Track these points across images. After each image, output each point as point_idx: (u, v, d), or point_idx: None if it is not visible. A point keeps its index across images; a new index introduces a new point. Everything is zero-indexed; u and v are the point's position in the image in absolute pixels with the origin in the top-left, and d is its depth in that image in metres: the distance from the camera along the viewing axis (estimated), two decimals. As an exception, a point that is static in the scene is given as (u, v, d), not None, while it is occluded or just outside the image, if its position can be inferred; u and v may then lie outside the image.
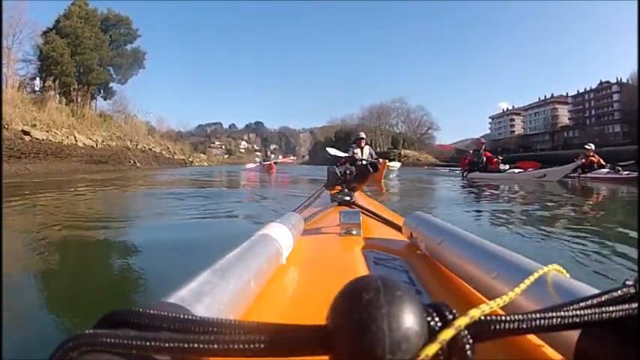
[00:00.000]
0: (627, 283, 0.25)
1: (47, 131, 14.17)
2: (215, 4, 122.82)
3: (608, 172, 7.05)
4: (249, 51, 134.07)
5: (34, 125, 13.74)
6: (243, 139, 78.95)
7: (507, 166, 8.07)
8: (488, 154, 8.62)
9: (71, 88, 21.70)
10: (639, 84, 25.42)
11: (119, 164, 16.92)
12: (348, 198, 1.20)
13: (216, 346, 0.19)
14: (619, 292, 0.24)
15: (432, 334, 0.18)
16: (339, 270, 0.59)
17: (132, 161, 18.57)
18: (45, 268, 1.46)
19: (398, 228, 0.83)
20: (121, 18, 26.22)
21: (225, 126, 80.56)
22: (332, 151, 8.43)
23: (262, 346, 0.19)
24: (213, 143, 71.69)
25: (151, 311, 0.22)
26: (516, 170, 7.85)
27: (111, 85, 26.03)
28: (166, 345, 0.19)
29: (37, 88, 18.92)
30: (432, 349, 0.18)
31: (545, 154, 27.57)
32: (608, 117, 38.36)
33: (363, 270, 0.56)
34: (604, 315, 0.22)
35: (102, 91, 25.34)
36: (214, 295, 0.32)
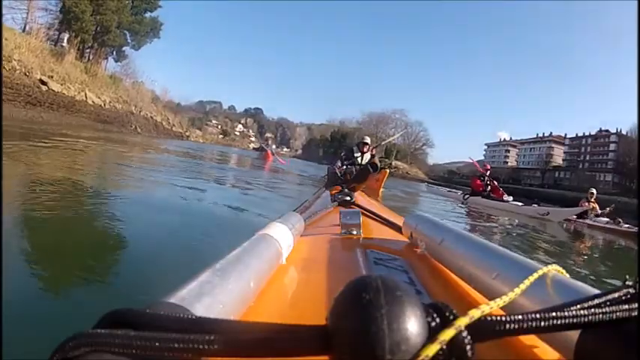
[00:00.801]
0: (627, 283, 0.25)
1: (62, 84, 14.71)
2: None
3: (607, 222, 6.72)
4: (260, 37, 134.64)
5: (51, 77, 14.25)
6: (240, 123, 78.59)
7: (511, 198, 7.79)
8: (495, 181, 8.26)
9: (86, 46, 22.33)
10: (639, 135, 25.45)
11: (122, 127, 17.68)
12: (348, 198, 1.20)
13: (216, 346, 0.19)
14: (619, 292, 0.24)
15: (432, 335, 0.18)
16: (339, 270, 0.59)
17: (134, 126, 19.27)
18: (44, 266, 1.46)
19: (398, 228, 0.83)
20: None
21: (225, 106, 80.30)
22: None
23: (262, 346, 0.19)
24: (210, 121, 70.97)
25: (151, 311, 0.22)
26: (519, 203, 7.58)
27: (124, 48, 26.75)
28: (166, 345, 0.19)
29: (64, 44, 19.30)
30: (432, 349, 0.18)
31: (533, 190, 27.65)
32: (601, 164, 38.26)
33: (363, 270, 0.56)
34: (604, 315, 0.22)
35: (114, 52, 26.06)
36: (214, 295, 0.32)
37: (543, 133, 46.96)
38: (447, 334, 0.18)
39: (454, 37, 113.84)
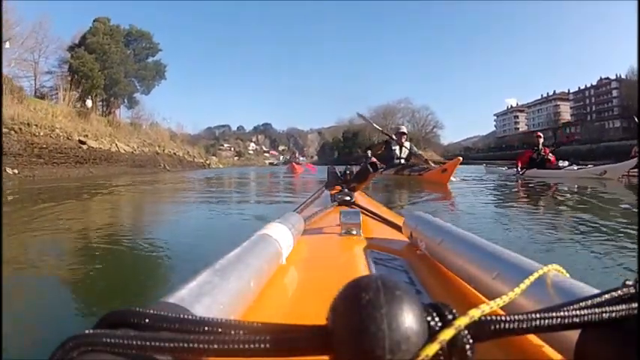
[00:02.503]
0: (627, 283, 0.25)
1: (96, 140, 16.44)
2: (221, 4, 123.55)
3: None
4: (257, 54, 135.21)
5: (86, 136, 15.95)
6: (251, 141, 79.49)
7: (567, 163, 7.40)
8: (548, 150, 7.73)
9: (99, 99, 23.80)
10: (639, 81, 25.33)
11: (154, 167, 19.70)
12: (348, 198, 1.20)
13: (216, 346, 0.19)
14: (619, 292, 0.24)
15: (432, 334, 0.18)
16: (339, 270, 0.58)
17: (162, 165, 20.95)
18: (46, 265, 1.46)
19: (398, 228, 0.83)
20: (143, 33, 28.30)
21: (234, 128, 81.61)
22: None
23: (262, 346, 0.19)
24: (222, 145, 71.91)
25: (151, 311, 0.22)
26: (575, 167, 7.13)
27: (134, 95, 28.17)
28: (166, 345, 0.19)
29: (89, 106, 20.77)
30: (432, 349, 0.18)
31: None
32: (607, 113, 38.80)
33: (363, 270, 0.56)
34: (604, 315, 0.22)
35: (126, 100, 27.49)
36: (214, 295, 0.32)
37: (547, 93, 47.43)
38: (447, 334, 0.18)
39: (449, 17, 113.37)
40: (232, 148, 73.38)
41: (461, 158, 6.00)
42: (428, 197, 4.16)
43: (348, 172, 1.48)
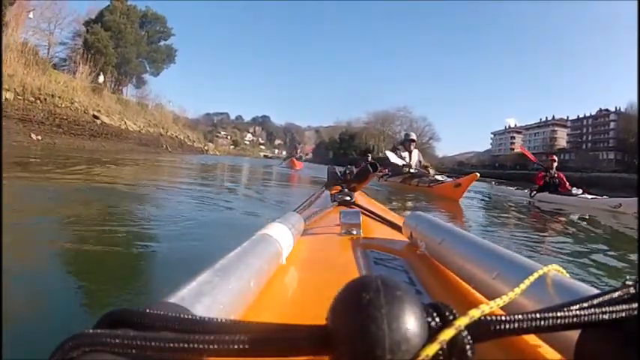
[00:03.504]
0: (627, 283, 0.25)
1: (107, 116, 17.45)
2: (231, 2, 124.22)
3: None
4: (263, 48, 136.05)
5: (99, 111, 16.96)
6: (248, 132, 79.69)
7: (580, 190, 6.98)
8: (562, 174, 7.37)
9: (110, 76, 24.78)
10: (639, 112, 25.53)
11: (157, 147, 20.68)
12: (348, 198, 1.20)
13: (216, 346, 0.19)
14: (619, 292, 0.24)
15: (432, 335, 0.18)
16: (339, 270, 0.59)
17: (164, 146, 21.97)
18: (45, 264, 1.46)
19: (398, 228, 0.83)
20: (158, 16, 29.48)
21: (232, 117, 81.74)
22: (391, 157, 7.07)
23: (262, 346, 0.19)
24: (219, 133, 71.78)
25: (151, 311, 0.22)
26: (589, 196, 6.73)
27: (143, 75, 29.41)
28: (166, 345, 0.19)
29: (100, 81, 21.69)
30: (432, 349, 0.18)
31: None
32: (603, 144, 39.46)
33: (363, 270, 0.56)
34: (604, 315, 0.22)
35: (134, 80, 28.71)
36: (214, 295, 0.32)
37: (546, 117, 47.75)
38: (447, 334, 0.18)
39: (455, 27, 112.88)
40: (229, 137, 73.53)
41: (478, 174, 5.63)
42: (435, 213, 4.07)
43: (348, 172, 1.48)
